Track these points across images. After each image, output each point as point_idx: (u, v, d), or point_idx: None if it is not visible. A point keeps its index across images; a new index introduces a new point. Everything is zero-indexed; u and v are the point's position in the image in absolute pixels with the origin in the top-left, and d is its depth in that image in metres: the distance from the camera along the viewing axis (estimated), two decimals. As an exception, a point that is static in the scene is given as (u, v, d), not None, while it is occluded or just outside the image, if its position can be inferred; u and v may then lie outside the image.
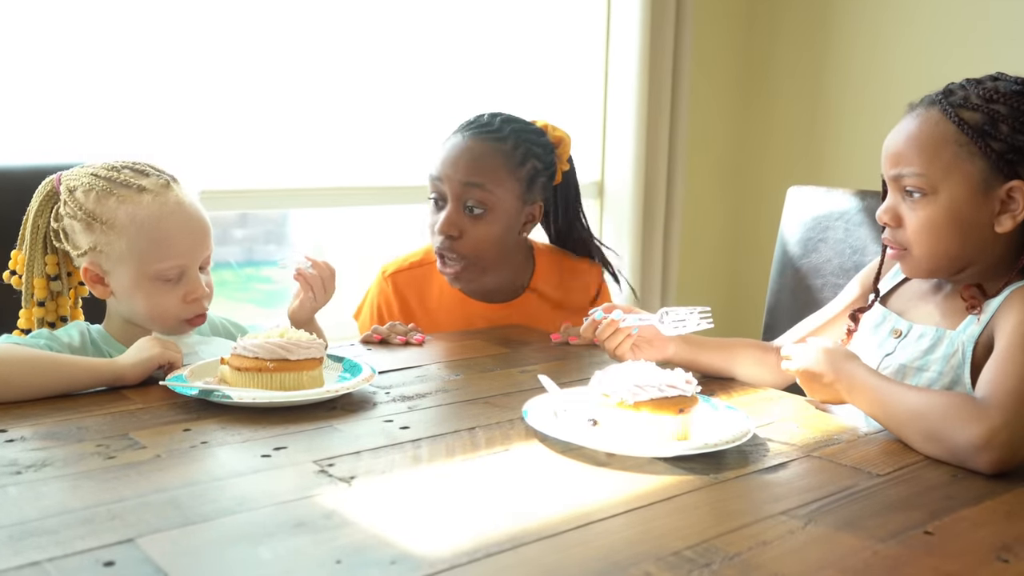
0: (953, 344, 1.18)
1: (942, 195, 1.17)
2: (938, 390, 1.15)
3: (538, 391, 1.21)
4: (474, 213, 1.60)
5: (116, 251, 1.29)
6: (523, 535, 0.81)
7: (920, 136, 1.19)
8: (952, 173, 1.16)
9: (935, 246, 1.19)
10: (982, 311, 1.17)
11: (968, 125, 1.16)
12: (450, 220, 1.60)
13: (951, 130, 1.17)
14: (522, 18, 2.69)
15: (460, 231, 1.60)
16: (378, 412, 1.17)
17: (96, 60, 2.03)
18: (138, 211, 1.29)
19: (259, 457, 0.99)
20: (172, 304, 1.32)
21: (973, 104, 1.16)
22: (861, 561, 0.78)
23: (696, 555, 0.77)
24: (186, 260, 1.32)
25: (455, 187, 1.60)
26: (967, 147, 1.16)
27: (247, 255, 2.64)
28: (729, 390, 1.31)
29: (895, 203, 1.23)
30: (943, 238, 1.19)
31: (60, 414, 1.11)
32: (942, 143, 1.17)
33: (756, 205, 3.14)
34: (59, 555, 0.74)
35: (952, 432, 1.02)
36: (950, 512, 0.89)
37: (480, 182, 1.59)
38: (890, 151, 1.22)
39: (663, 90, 2.81)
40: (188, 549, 0.77)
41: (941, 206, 1.17)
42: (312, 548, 0.77)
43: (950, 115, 1.17)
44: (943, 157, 1.17)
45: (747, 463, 1.01)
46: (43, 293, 1.36)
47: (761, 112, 3.12)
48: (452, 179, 1.60)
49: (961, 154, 1.16)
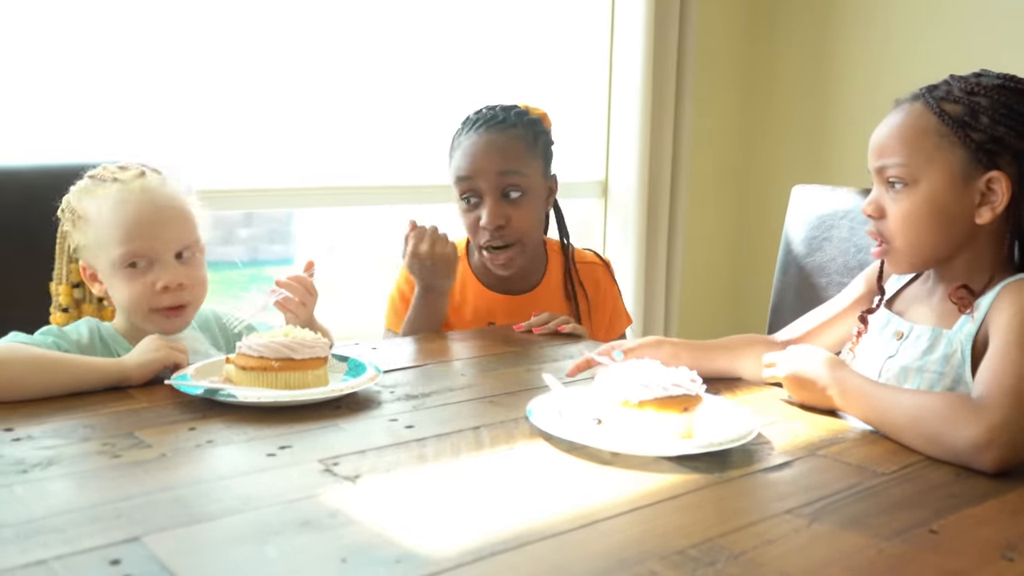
0: (951, 344, 1.18)
1: (923, 185, 1.19)
2: (933, 392, 1.15)
3: (543, 390, 1.21)
4: (512, 199, 1.70)
5: (92, 243, 1.33)
6: (528, 534, 0.81)
7: (903, 128, 1.21)
8: (933, 163, 1.18)
9: (916, 237, 1.21)
10: (974, 309, 1.18)
11: (949, 116, 1.18)
12: (496, 211, 1.69)
13: (933, 121, 1.19)
14: (527, 18, 2.69)
15: (506, 219, 1.70)
16: (383, 411, 1.17)
17: (102, 60, 2.03)
18: (104, 200, 1.32)
19: (264, 456, 0.99)
20: (140, 293, 1.31)
21: (955, 97, 1.19)
22: (866, 559, 0.78)
23: (701, 553, 0.78)
24: (148, 245, 1.31)
25: (492, 179, 1.69)
26: (948, 137, 1.18)
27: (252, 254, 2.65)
28: (734, 388, 1.31)
29: (879, 195, 1.24)
30: (924, 229, 1.20)
31: (66, 413, 1.12)
32: (924, 134, 1.19)
33: (760, 204, 3.14)
34: (66, 553, 0.75)
35: (952, 434, 1.01)
36: (955, 510, 0.89)
37: (515, 168, 1.69)
38: (875, 144, 1.24)
39: (667, 89, 2.81)
40: (194, 547, 0.77)
41: (922, 196, 1.19)
42: (317, 547, 0.78)
43: (932, 107, 1.19)
44: (924, 148, 1.19)
45: (752, 462, 1.01)
46: (68, 300, 1.40)
47: (765, 111, 3.12)
48: (488, 172, 1.69)
49: (942, 144, 1.18)
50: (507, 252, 1.73)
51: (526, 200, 1.72)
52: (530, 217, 1.74)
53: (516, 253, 1.74)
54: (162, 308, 1.33)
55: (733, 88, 3.12)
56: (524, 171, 1.71)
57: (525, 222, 1.73)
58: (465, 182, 1.71)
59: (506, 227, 1.71)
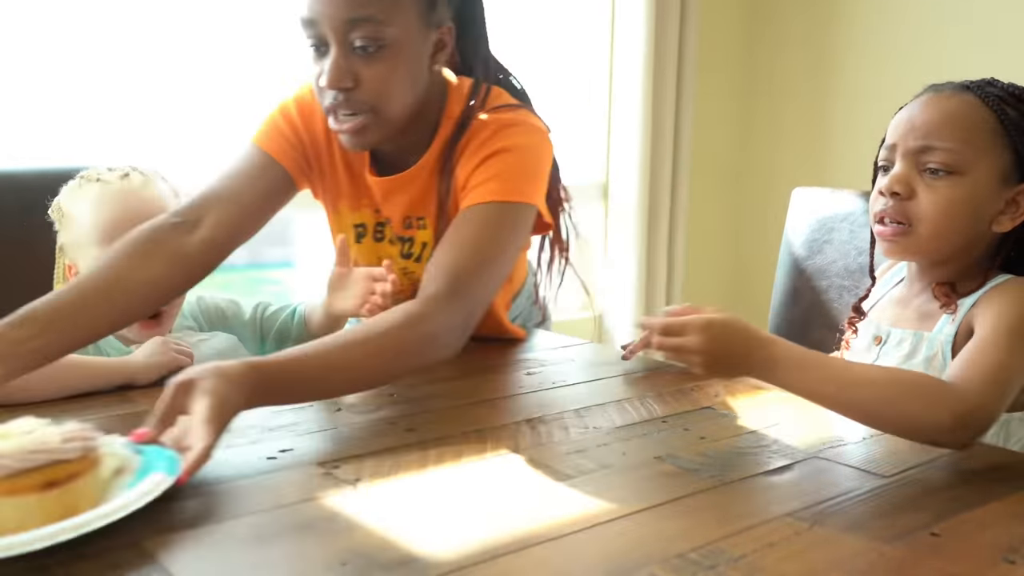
0: (932, 346, 1.18)
1: (968, 178, 1.16)
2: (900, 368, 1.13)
3: (547, 391, 1.21)
4: (367, 52, 1.26)
5: (74, 242, 1.35)
6: (530, 537, 0.81)
7: (958, 115, 1.17)
8: (983, 158, 1.16)
9: (946, 226, 1.17)
10: (956, 309, 1.17)
11: (1008, 117, 1.16)
12: (338, 68, 1.26)
13: (991, 117, 1.16)
14: (527, 20, 2.69)
15: (354, 79, 1.27)
16: (384, 414, 1.17)
17: (100, 64, 2.03)
18: (84, 200, 1.34)
19: (265, 459, 0.99)
20: None
21: (1009, 100, 1.17)
22: (867, 563, 0.78)
23: (701, 557, 0.77)
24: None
25: (338, 24, 1.24)
26: (1002, 138, 1.16)
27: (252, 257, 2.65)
28: (735, 391, 1.31)
29: (908, 175, 1.19)
30: (956, 221, 1.17)
31: (66, 416, 1.11)
32: (981, 127, 1.16)
33: (761, 206, 3.14)
34: (66, 558, 0.75)
35: (922, 411, 0.99)
36: (956, 514, 0.89)
37: (368, 14, 1.24)
38: (919, 124, 1.18)
39: (667, 92, 2.81)
40: (194, 552, 0.77)
41: (966, 188, 1.16)
42: (318, 550, 0.78)
43: (992, 103, 1.16)
44: (978, 141, 1.16)
45: (752, 465, 1.01)
46: None
47: (766, 113, 3.12)
48: (334, 13, 1.24)
49: (995, 143, 1.16)
50: (351, 121, 1.30)
51: (385, 55, 1.27)
52: (391, 77, 1.28)
53: (369, 122, 1.30)
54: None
55: (734, 90, 3.12)
56: (380, 17, 1.25)
57: (383, 84, 1.28)
58: (305, 25, 1.27)
59: (355, 90, 1.28)
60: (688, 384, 1.32)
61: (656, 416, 1.17)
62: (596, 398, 1.24)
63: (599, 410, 1.19)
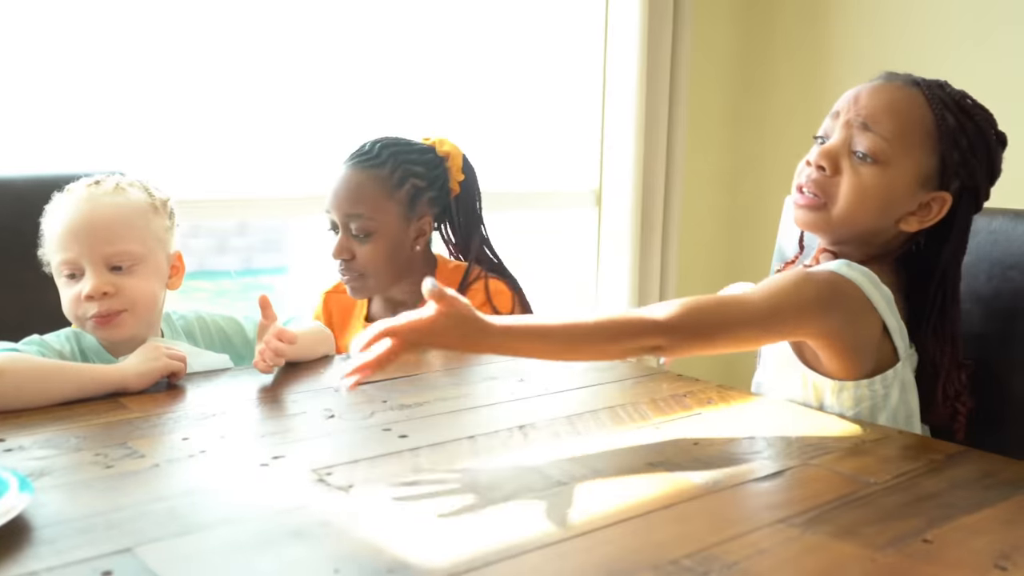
0: None
1: (891, 170, 1.19)
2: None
3: (539, 397, 1.21)
4: (359, 237, 1.72)
5: (46, 251, 1.34)
6: (522, 544, 0.81)
7: (900, 108, 1.20)
8: (910, 156, 1.19)
9: (857, 211, 1.20)
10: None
11: (946, 123, 1.18)
12: (341, 246, 1.73)
13: (930, 119, 1.19)
14: (520, 26, 2.70)
15: (351, 254, 1.73)
16: (376, 420, 1.17)
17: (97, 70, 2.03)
18: (52, 209, 1.34)
19: (257, 466, 0.99)
20: (70, 301, 1.31)
21: (952, 107, 1.19)
22: (859, 569, 0.78)
23: (694, 563, 0.78)
24: (76, 253, 1.29)
25: (341, 217, 1.72)
26: (934, 141, 1.18)
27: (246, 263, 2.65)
28: (727, 397, 1.31)
29: (839, 152, 1.22)
30: (868, 208, 1.20)
31: (58, 423, 1.11)
32: (917, 125, 1.19)
33: (754, 214, 3.15)
34: (57, 564, 0.74)
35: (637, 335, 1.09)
36: (948, 520, 0.89)
37: (359, 212, 1.70)
38: (862, 103, 1.22)
39: (661, 98, 2.82)
40: (186, 558, 0.77)
41: (885, 179, 1.19)
42: (310, 557, 0.77)
43: (935, 106, 1.19)
44: (910, 137, 1.19)
45: (744, 471, 1.01)
46: None
47: (759, 120, 3.13)
48: (338, 210, 1.72)
49: (925, 144, 1.19)
50: (352, 281, 1.75)
51: (374, 240, 1.71)
52: (377, 256, 1.72)
53: (362, 282, 1.75)
54: (89, 317, 1.30)
55: (727, 97, 3.13)
56: (370, 214, 1.70)
57: (371, 261, 1.72)
58: (326, 211, 1.75)
59: (352, 261, 1.73)
60: (681, 390, 1.32)
61: (649, 422, 1.17)
62: (588, 404, 1.25)
63: (591, 416, 1.19)
